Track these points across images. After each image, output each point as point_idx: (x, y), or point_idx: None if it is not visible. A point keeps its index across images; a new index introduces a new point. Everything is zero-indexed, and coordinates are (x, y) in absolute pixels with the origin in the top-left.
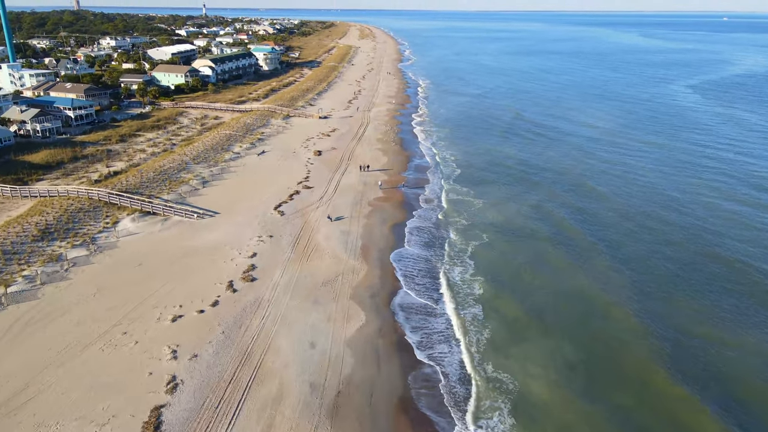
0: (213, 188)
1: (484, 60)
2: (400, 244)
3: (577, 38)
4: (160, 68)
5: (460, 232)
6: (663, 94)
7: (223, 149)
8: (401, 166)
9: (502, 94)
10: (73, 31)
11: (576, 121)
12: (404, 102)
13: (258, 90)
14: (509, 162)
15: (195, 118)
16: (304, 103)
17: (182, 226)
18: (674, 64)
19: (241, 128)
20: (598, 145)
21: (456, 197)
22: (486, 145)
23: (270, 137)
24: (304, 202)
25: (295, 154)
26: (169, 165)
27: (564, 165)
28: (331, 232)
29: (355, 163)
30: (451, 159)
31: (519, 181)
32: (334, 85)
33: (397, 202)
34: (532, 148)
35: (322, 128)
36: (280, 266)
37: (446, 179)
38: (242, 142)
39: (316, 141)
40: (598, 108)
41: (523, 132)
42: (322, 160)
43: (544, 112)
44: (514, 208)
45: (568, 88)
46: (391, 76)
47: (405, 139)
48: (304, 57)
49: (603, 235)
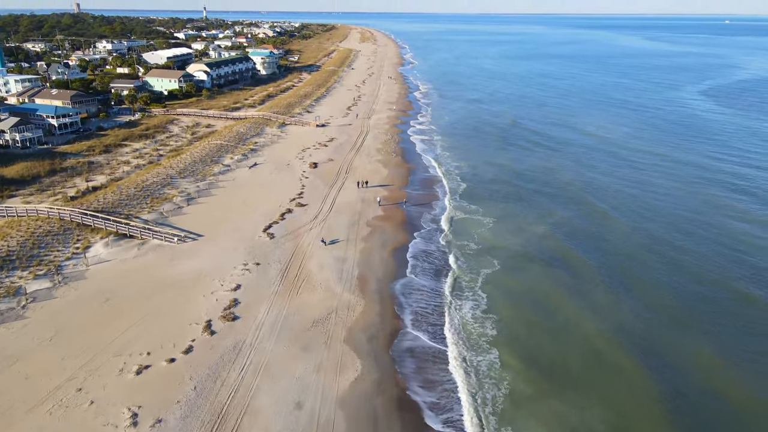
0: (198, 206)
1: (486, 64)
2: (401, 272)
3: (580, 41)
4: (152, 73)
5: (469, 257)
6: (672, 100)
7: (213, 161)
8: (402, 180)
9: (505, 100)
10: (71, 34)
11: (583, 131)
12: (405, 108)
13: (254, 96)
14: (516, 175)
15: (186, 126)
16: (302, 109)
17: (160, 251)
18: (680, 68)
19: (233, 138)
20: (607, 157)
21: (462, 216)
22: (491, 156)
23: (264, 147)
24: (296, 222)
25: (289, 167)
26: (152, 179)
27: (574, 179)
28: (324, 259)
29: (353, 176)
30: (455, 172)
31: (528, 196)
32: (333, 90)
33: (398, 222)
34: (539, 159)
35: (319, 137)
36: (266, 301)
37: (451, 195)
38: (234, 153)
39: (312, 152)
40: (604, 116)
41: (528, 141)
42: (317, 174)
43: (549, 120)
44: (525, 228)
45: (573, 94)
46: (392, 80)
47: (406, 149)
48: (304, 61)
49: (619, 265)
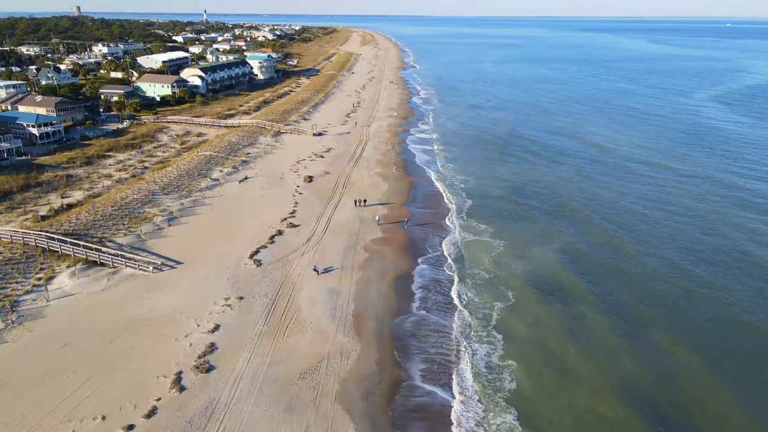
0: (180, 228)
1: (490, 68)
2: (403, 308)
3: (583, 45)
4: (145, 78)
5: (481, 288)
6: (682, 108)
7: (201, 174)
8: (404, 196)
9: (509, 106)
10: (67, 38)
11: (591, 142)
12: (407, 115)
13: (250, 102)
14: (524, 190)
15: (176, 135)
16: (298, 117)
17: (133, 282)
18: (689, 73)
19: (224, 148)
20: (617, 171)
21: (471, 237)
22: (497, 169)
23: (256, 159)
24: (287, 246)
25: (282, 181)
26: (132, 196)
27: (585, 196)
28: (316, 292)
29: (350, 191)
30: (461, 186)
31: (536, 215)
32: (332, 96)
33: (399, 246)
34: (546, 173)
35: (316, 147)
36: (248, 346)
37: (457, 213)
38: (223, 165)
39: (307, 163)
40: (612, 125)
41: (533, 153)
42: (312, 189)
43: (555, 129)
44: (537, 253)
45: (579, 101)
46: (393, 85)
47: (408, 160)
48: (303, 65)
49: (637, 299)
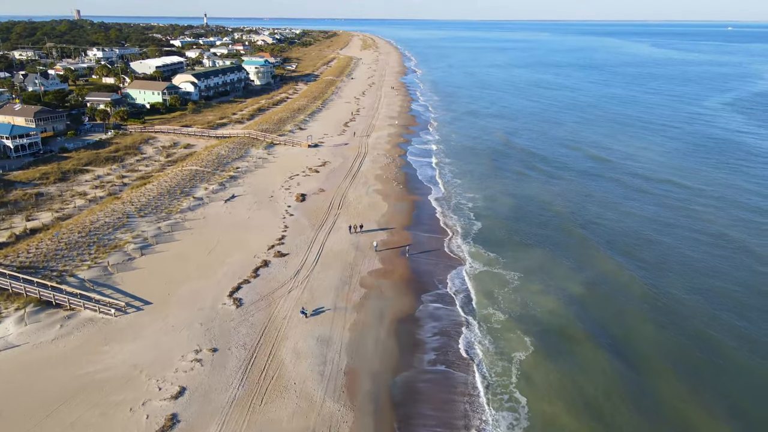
0: (154, 257)
1: (494, 73)
2: (405, 362)
3: (586, 48)
4: (134, 84)
5: (496, 334)
6: (696, 116)
7: (183, 193)
8: (405, 218)
9: (516, 115)
10: (63, 42)
11: (604, 156)
12: (408, 124)
13: (244, 109)
14: (536, 211)
15: (162, 146)
16: (294, 126)
17: (90, 329)
18: (699, 78)
19: (211, 162)
20: (633, 192)
21: (481, 268)
22: (506, 185)
23: (246, 174)
24: (273, 280)
25: (272, 200)
26: (104, 219)
27: (602, 219)
28: (303, 341)
29: (346, 212)
30: (467, 206)
31: (555, 239)
32: (330, 103)
33: (400, 279)
34: (559, 191)
35: (311, 161)
36: (217, 418)
37: (465, 237)
38: (210, 181)
39: (301, 179)
40: (624, 137)
41: (546, 166)
42: (304, 210)
43: (566, 141)
44: (558, 287)
45: (589, 110)
46: (394, 91)
47: (409, 175)
48: (301, 69)
49: (671, 352)
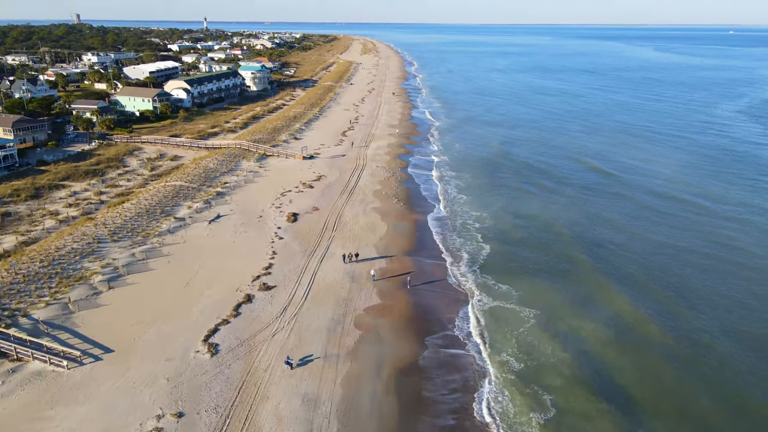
0: (122, 292)
1: (497, 78)
2: (407, 427)
3: (588, 53)
4: (124, 91)
5: (512, 389)
6: (710, 125)
7: (164, 213)
8: (406, 241)
9: (523, 124)
10: (58, 46)
11: (618, 169)
12: (409, 133)
13: (238, 117)
14: (552, 232)
15: (147, 158)
16: (288, 136)
17: (37, 386)
18: (706, 83)
19: (198, 176)
20: (650, 213)
21: (491, 303)
22: (516, 202)
23: (234, 190)
24: (255, 320)
25: (261, 220)
26: (72, 245)
27: (623, 241)
28: (287, 403)
29: (342, 233)
30: (474, 226)
31: (572, 267)
32: (328, 110)
33: (401, 318)
34: (578, 208)
35: (305, 174)
36: None
37: (471, 264)
38: (194, 198)
39: (293, 196)
40: (638, 147)
41: (558, 180)
42: (296, 232)
43: (578, 153)
44: (579, 328)
45: (595, 117)
46: (395, 97)
47: (411, 191)
48: (300, 75)
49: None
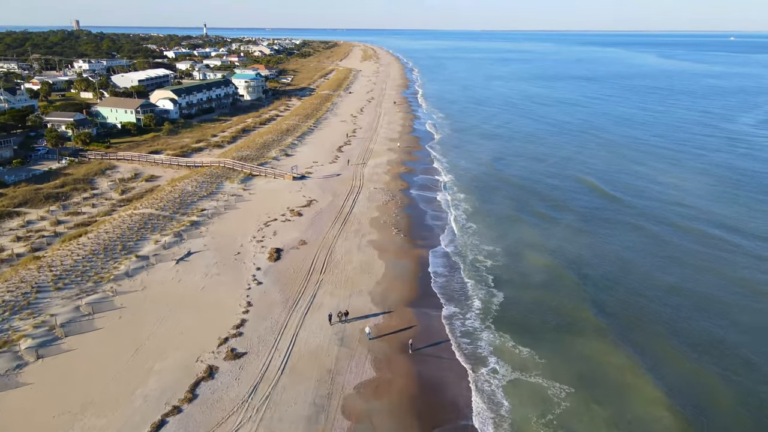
0: (52, 364)
1: (501, 86)
2: None
3: (592, 60)
4: (106, 102)
5: None
6: (733, 138)
7: (125, 249)
8: (407, 286)
9: (533, 137)
10: (51, 53)
11: (644, 195)
12: (411, 148)
13: (226, 130)
14: (569, 273)
15: (120, 178)
16: (279, 152)
17: None
18: (718, 92)
19: (172, 202)
20: (690, 242)
21: (511, 375)
22: (529, 232)
23: (212, 219)
24: (215, 406)
25: (238, 258)
26: (5, 296)
27: (656, 293)
28: None
29: (331, 277)
30: (486, 265)
31: (593, 324)
32: (324, 122)
33: (401, 400)
34: (598, 241)
35: (294, 198)
36: None
37: (484, 319)
38: (164, 230)
39: (278, 226)
40: (660, 169)
41: (571, 206)
42: (278, 274)
43: (594, 172)
44: (619, 415)
45: (608, 130)
46: (395, 107)
47: (412, 218)
48: (297, 83)
49: None
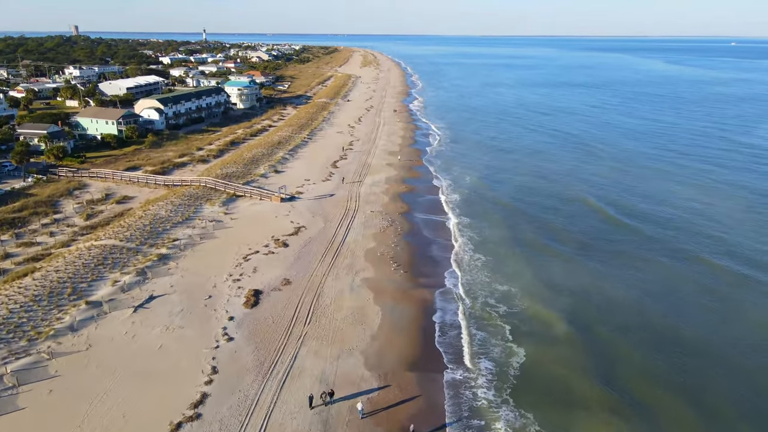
0: None
1: (505, 94)
2: None
3: (597, 66)
4: (86, 112)
5: None
6: (763, 155)
7: (75, 293)
8: (407, 343)
9: (543, 149)
10: (44, 59)
11: (679, 218)
12: (412, 162)
13: (214, 142)
14: (600, 325)
15: (89, 200)
16: (268, 168)
17: None
18: (733, 100)
19: (140, 230)
20: (743, 301)
21: None
22: (545, 266)
23: (184, 251)
24: None
25: (209, 304)
26: None
27: (716, 355)
28: None
29: (317, 330)
30: (500, 312)
31: (639, 399)
32: (319, 133)
33: None
34: (625, 277)
35: (280, 225)
36: None
37: (500, 388)
38: (126, 266)
39: (260, 260)
40: (696, 187)
41: (593, 235)
42: (254, 326)
43: (614, 191)
44: None
45: (627, 142)
46: (396, 116)
47: (414, 248)
48: (294, 90)
49: None
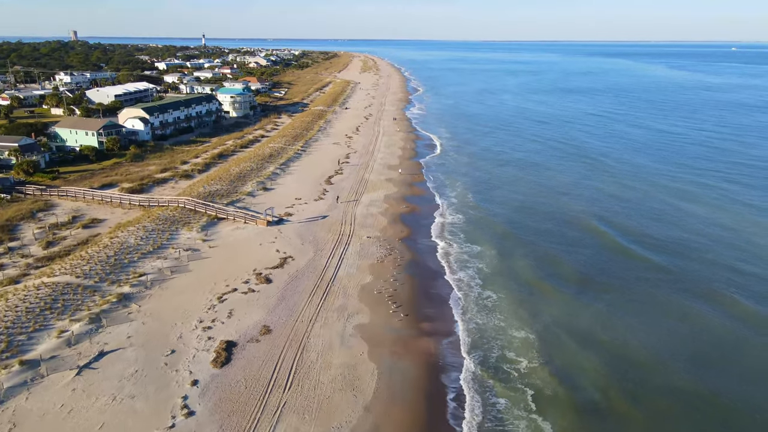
0: None
1: (509, 101)
2: None
3: (601, 71)
4: (66, 122)
5: None
6: None
7: (10, 348)
8: (410, 419)
9: (554, 164)
10: (36, 64)
11: (715, 248)
12: (414, 178)
13: (201, 155)
14: (651, 381)
15: (53, 223)
16: (256, 185)
17: None
18: (746, 108)
19: (103, 263)
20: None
21: None
22: (565, 307)
23: (150, 289)
24: None
25: (170, 362)
26: None
27: None
28: None
29: (298, 400)
30: (518, 368)
31: None
32: (314, 144)
33: None
34: (683, 322)
35: (265, 254)
36: None
37: None
38: (78, 310)
39: (237, 301)
40: (720, 203)
41: (619, 269)
42: (221, 393)
43: (633, 208)
44: None
45: (642, 152)
46: (396, 124)
47: (416, 283)
48: (290, 97)
49: None
